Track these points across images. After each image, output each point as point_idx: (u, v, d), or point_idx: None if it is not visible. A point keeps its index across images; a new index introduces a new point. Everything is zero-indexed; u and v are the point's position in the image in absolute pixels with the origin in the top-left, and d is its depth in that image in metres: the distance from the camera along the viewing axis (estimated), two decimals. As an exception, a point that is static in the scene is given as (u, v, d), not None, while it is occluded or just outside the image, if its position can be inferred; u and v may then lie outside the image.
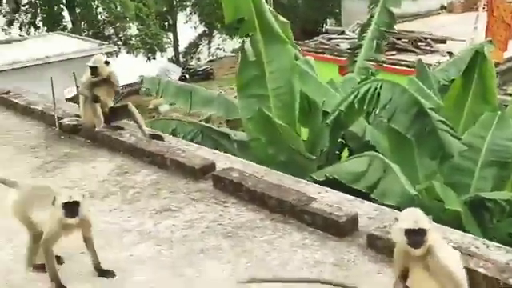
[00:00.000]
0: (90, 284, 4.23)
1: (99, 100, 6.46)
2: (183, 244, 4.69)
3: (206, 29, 43.39)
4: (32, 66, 21.94)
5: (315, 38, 20.77)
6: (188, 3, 42.57)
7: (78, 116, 7.18)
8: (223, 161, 5.96)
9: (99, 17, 36.96)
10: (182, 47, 43.43)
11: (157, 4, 38.93)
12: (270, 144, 8.01)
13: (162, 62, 40.24)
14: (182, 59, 42.59)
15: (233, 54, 43.14)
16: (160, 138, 6.60)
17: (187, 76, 36.02)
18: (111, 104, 6.70)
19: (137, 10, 35.93)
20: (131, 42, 37.20)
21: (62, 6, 36.10)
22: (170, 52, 41.81)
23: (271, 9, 9.17)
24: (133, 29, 38.27)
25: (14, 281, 4.31)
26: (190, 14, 42.99)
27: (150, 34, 37.32)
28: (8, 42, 28.34)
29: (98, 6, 36.32)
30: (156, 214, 5.16)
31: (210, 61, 42.54)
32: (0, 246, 4.74)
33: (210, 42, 44.42)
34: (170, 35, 41.77)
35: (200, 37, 44.40)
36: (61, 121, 7.02)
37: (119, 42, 36.02)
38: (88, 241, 4.27)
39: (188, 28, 43.37)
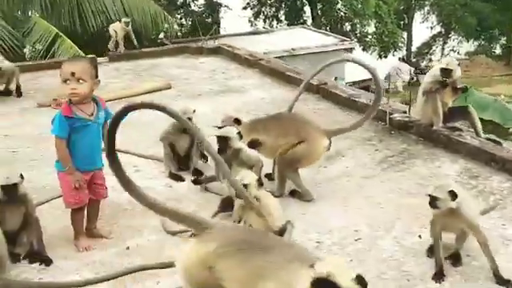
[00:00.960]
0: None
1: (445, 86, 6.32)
2: None
3: (443, 29, 42.11)
4: (280, 57, 22.65)
5: None
6: (427, 2, 41.57)
7: (404, 112, 7.21)
8: None
9: (339, 13, 37.40)
10: (414, 47, 42.63)
11: (395, 2, 38.51)
12: None
13: (393, 60, 39.78)
14: (413, 59, 41.76)
15: (466, 57, 41.52)
16: (498, 143, 6.36)
17: (417, 77, 35.21)
18: (450, 104, 6.56)
19: (376, 8, 35.82)
20: (367, 38, 37.26)
21: (304, 0, 37.16)
22: (402, 51, 41.21)
23: None
24: (370, 26, 38.31)
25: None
26: (428, 13, 41.98)
27: (387, 31, 37.06)
28: (255, 33, 29.81)
29: (337, 2, 36.74)
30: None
31: (443, 63, 41.17)
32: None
33: (444, 44, 43.05)
34: (404, 34, 41.14)
35: (434, 37, 43.21)
36: (391, 116, 7.06)
37: (354, 39, 36.17)
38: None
39: (423, 28, 42.41)
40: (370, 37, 37.69)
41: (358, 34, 37.69)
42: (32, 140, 7.13)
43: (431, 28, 42.06)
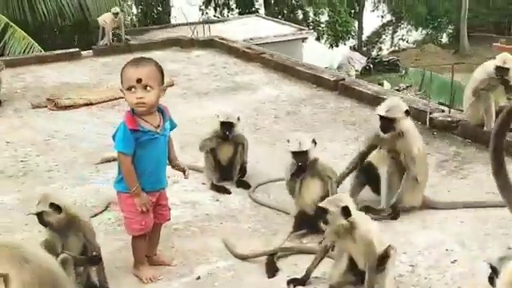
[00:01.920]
0: None
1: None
2: None
3: (393, 18, 42.40)
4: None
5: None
6: (378, -9, 41.82)
7: (442, 111, 6.82)
8: None
9: (291, 1, 37.04)
10: (364, 36, 42.78)
11: (347, -9, 38.46)
12: None
13: (344, 49, 39.79)
14: (363, 48, 41.89)
15: (414, 46, 41.97)
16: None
17: (371, 66, 35.25)
18: (503, 103, 6.18)
19: (329, -4, 35.69)
20: (320, 28, 37.07)
21: (256, -12, 36.65)
22: (352, 40, 41.27)
23: None
24: (323, 14, 38.13)
25: None
26: (378, 2, 42.16)
27: (340, 20, 36.96)
28: (208, 22, 28.98)
29: (290, -10, 36.38)
30: None
31: (393, 51, 41.48)
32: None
33: (394, 32, 43.38)
34: (355, 23, 41.18)
35: (384, 26, 43.49)
36: (431, 116, 6.63)
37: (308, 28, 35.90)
38: None
39: (373, 17, 42.60)
40: (323, 25, 37.54)
41: (311, 23, 37.46)
42: (39, 147, 6.39)
43: (382, 17, 42.27)
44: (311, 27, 35.70)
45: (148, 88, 3.80)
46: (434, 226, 4.69)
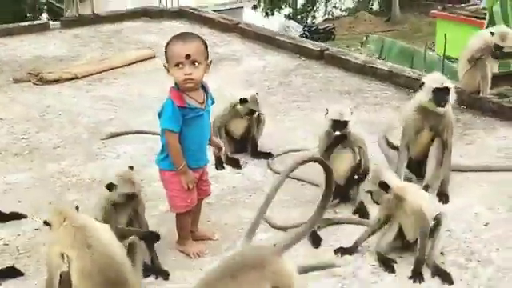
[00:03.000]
0: None
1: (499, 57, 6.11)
2: None
3: (327, -14, 42.67)
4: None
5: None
6: (311, -42, 41.89)
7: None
8: None
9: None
10: (298, 4, 42.92)
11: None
12: None
13: (279, 18, 39.86)
14: (297, 16, 42.06)
15: (347, 14, 42.50)
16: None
17: (307, 34, 35.49)
18: (496, 69, 6.40)
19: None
20: (256, -4, 36.96)
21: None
22: (287, 9, 41.37)
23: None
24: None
25: None
26: (312, -31, 42.28)
27: (276, -11, 36.95)
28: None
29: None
30: None
31: (327, 19, 41.86)
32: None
33: (327, 1, 43.68)
34: (289, -9, 41.27)
35: (317, -6, 43.71)
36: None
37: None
38: None
39: (306, -16, 42.74)
40: (258, -6, 37.44)
41: (247, -8, 37.24)
42: (36, 123, 6.18)
43: (316, -16, 42.43)
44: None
45: (196, 64, 3.75)
46: (457, 190, 4.85)
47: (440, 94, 4.60)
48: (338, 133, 4.53)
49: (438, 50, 14.26)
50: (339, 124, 4.49)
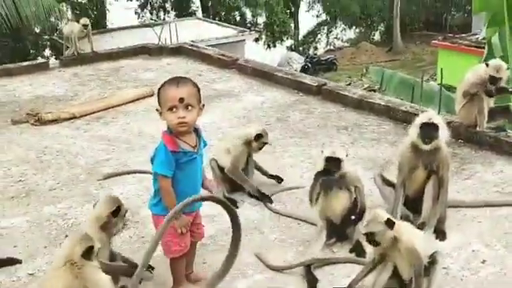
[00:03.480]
0: None
1: (493, 95, 6.14)
2: None
3: (328, 18, 43.06)
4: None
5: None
6: (312, -9, 42.41)
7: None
8: None
9: (227, 2, 37.08)
10: (300, 36, 43.28)
11: (283, -8, 38.80)
12: None
13: (281, 50, 40.15)
14: (299, 48, 42.39)
15: (348, 45, 42.78)
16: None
17: (309, 65, 35.68)
18: (492, 104, 6.41)
19: (266, -3, 35.96)
20: (258, 29, 37.28)
21: (192, -10, 36.57)
22: (288, 41, 41.71)
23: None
24: (261, 15, 38.40)
25: None
26: (313, 2, 42.74)
27: (278, 21, 37.30)
28: (147, 25, 28.66)
29: (226, -9, 36.44)
30: None
31: (329, 50, 42.16)
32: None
33: (329, 32, 44.07)
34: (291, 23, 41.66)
35: (319, 25, 44.11)
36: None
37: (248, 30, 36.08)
38: None
39: (308, 16, 43.15)
40: (260, 27, 37.81)
41: (249, 24, 37.65)
42: (33, 165, 6.20)
43: (317, 16, 42.89)
44: (250, 29, 35.93)
45: (189, 107, 3.75)
46: (455, 227, 4.82)
47: (426, 130, 4.59)
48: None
49: (439, 80, 14.25)
50: (333, 161, 4.48)
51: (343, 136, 6.74)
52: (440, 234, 4.66)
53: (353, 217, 4.57)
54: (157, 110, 3.84)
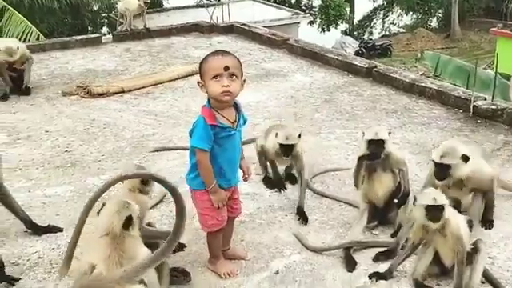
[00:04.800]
0: None
1: None
2: None
3: (385, 2, 42.30)
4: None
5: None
6: (371, -25, 41.66)
7: (485, 99, 6.78)
8: None
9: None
10: (355, 20, 42.66)
11: (339, -26, 38.22)
12: None
13: (336, 34, 39.66)
14: (354, 32, 41.79)
15: (405, 31, 41.92)
16: None
17: (364, 50, 35.15)
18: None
19: (323, -21, 35.49)
20: (312, 12, 36.92)
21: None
22: (343, 25, 41.12)
23: None
24: (316, -1, 37.98)
25: None
26: (371, -14, 42.03)
27: (333, 4, 36.81)
28: (202, 6, 28.70)
29: (282, -27, 36.08)
30: None
31: (384, 36, 41.44)
32: None
33: (385, 17, 43.29)
34: (347, 7, 41.02)
35: (375, 10, 43.36)
36: (475, 104, 6.59)
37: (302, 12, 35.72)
38: None
39: (365, 1, 42.46)
40: (315, 10, 37.42)
41: (304, 7, 37.30)
42: (80, 136, 6.27)
43: (373, 1, 42.16)
44: (305, 11, 35.60)
45: (233, 77, 3.68)
46: (503, 216, 4.64)
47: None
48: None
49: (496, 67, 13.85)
50: (374, 143, 4.35)
51: (392, 119, 6.59)
52: (487, 222, 4.49)
53: (395, 200, 4.44)
54: (198, 82, 3.79)
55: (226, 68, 3.64)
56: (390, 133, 4.49)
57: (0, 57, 7.22)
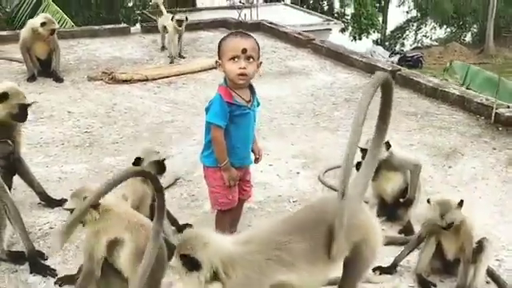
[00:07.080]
0: None
1: None
2: None
3: (419, 14, 42.08)
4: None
5: None
6: (405, -14, 41.47)
7: (508, 107, 6.73)
8: None
9: (317, -9, 36.82)
10: (388, 30, 42.48)
11: (375, -15, 38.19)
12: None
13: (367, 43, 39.52)
14: (385, 42, 41.60)
15: (436, 44, 41.61)
16: None
17: (394, 61, 34.99)
18: None
19: (358, -12, 35.45)
20: (345, 19, 36.88)
21: (284, -24, 36.41)
22: (375, 34, 40.97)
23: None
24: (350, 7, 37.94)
25: None
26: (406, -3, 41.85)
27: (366, 13, 36.76)
28: (234, 7, 28.83)
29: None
30: None
31: (416, 48, 41.20)
32: None
33: (418, 29, 43.04)
34: (380, 17, 40.90)
35: (408, 22, 43.14)
36: (497, 111, 6.55)
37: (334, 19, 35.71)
38: None
39: (398, 11, 42.26)
40: (348, 17, 37.38)
41: (336, 14, 37.29)
42: (101, 119, 6.39)
43: (407, 12, 41.96)
44: (337, 19, 35.54)
45: (251, 60, 3.74)
46: (512, 220, 4.63)
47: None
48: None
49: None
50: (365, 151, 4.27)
51: (411, 122, 6.58)
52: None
53: (401, 200, 4.45)
54: (216, 61, 3.85)
55: (244, 50, 3.70)
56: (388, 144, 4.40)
57: (45, 29, 7.25)
